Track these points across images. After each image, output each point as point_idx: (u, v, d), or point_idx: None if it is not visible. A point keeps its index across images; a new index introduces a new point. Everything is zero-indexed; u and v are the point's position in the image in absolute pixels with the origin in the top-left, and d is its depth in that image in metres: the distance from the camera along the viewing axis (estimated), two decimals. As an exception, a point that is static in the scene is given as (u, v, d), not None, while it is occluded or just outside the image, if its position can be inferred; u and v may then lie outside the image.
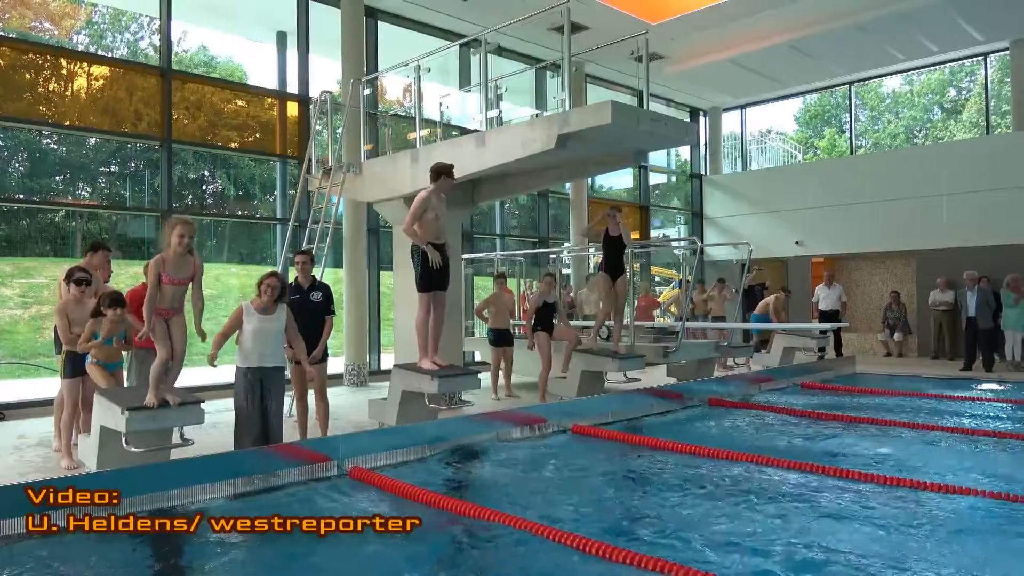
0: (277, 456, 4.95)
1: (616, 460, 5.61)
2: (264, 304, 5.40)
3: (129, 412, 4.44)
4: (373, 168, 8.72)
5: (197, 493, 4.41)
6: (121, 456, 4.61)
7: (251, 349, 5.35)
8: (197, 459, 4.80)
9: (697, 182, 17.94)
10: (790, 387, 9.39)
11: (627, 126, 6.36)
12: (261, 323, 5.37)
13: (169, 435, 4.91)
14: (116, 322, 5.43)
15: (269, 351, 5.40)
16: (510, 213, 15.36)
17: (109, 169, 12.50)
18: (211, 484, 4.49)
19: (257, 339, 5.34)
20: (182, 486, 4.35)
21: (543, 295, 8.66)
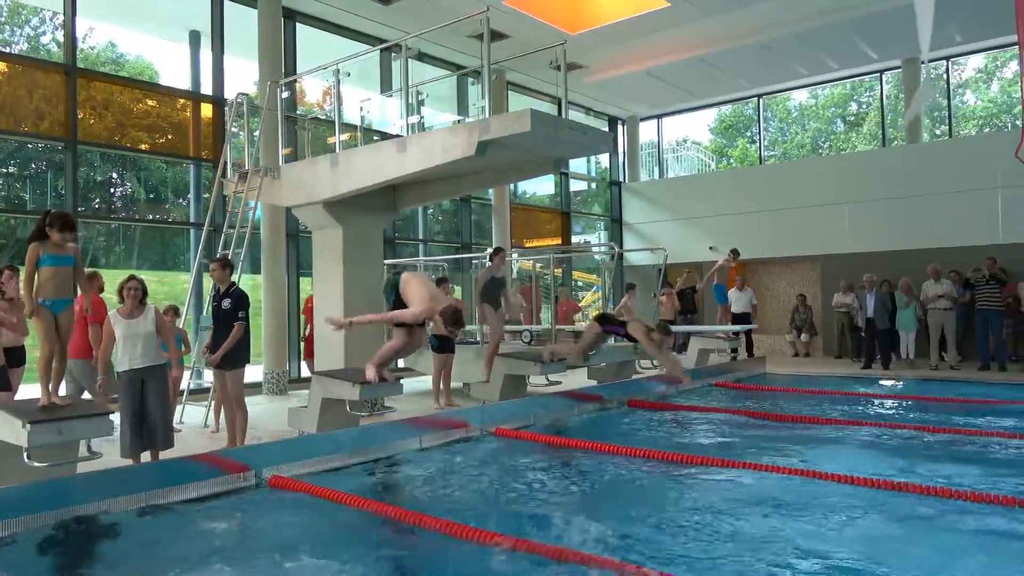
0: (193, 467, 4.83)
1: (537, 459, 5.72)
2: (129, 309, 5.57)
3: (31, 425, 4.25)
4: (292, 172, 8.59)
5: (106, 507, 4.26)
6: (22, 471, 4.40)
7: (122, 353, 5.52)
8: (107, 472, 4.64)
9: (616, 189, 18.36)
10: (705, 387, 9.74)
11: (546, 134, 6.50)
12: (128, 328, 5.53)
13: (75, 448, 4.72)
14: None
15: (139, 352, 5.53)
16: (433, 218, 15.35)
17: (7, 170, 11.83)
18: (121, 497, 4.35)
19: (126, 344, 5.50)
20: (88, 501, 4.20)
21: (492, 270, 8.76)
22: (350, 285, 8.12)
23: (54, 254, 4.66)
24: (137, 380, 5.52)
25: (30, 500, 4.02)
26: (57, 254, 4.67)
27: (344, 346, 7.99)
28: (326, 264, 8.36)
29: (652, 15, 11.93)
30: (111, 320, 5.57)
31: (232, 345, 6.28)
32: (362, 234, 8.34)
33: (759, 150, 18.23)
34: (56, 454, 4.50)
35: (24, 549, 3.75)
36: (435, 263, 12.64)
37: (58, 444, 4.42)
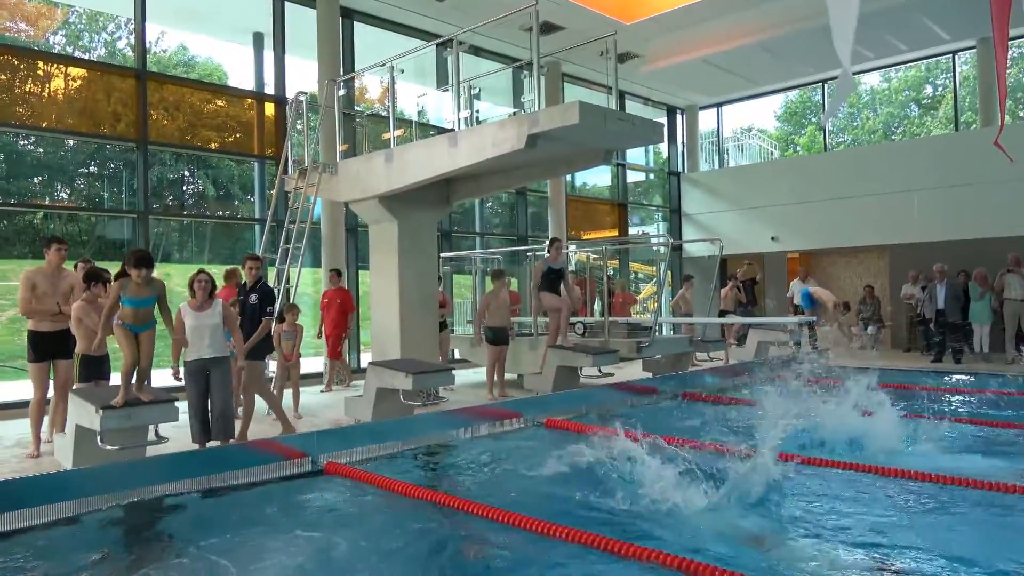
0: (253, 452, 5.05)
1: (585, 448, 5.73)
2: (199, 302, 5.78)
3: (104, 411, 4.52)
4: (349, 168, 8.80)
5: (171, 489, 4.50)
6: (97, 454, 4.68)
7: (191, 344, 5.76)
8: (169, 456, 4.89)
9: (675, 179, 18.11)
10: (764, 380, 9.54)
11: (595, 126, 6.47)
12: (197, 320, 5.77)
13: (144, 433, 4.99)
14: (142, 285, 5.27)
15: (206, 343, 5.77)
16: (490, 211, 15.46)
17: (87, 170, 12.46)
18: (184, 481, 4.58)
19: (194, 335, 5.74)
20: (153, 483, 4.44)
21: (549, 260, 8.82)
22: (405, 277, 8.28)
23: (135, 297, 4.99)
24: (203, 370, 5.78)
25: (102, 480, 4.27)
26: (138, 297, 4.99)
27: (400, 337, 8.16)
28: (382, 257, 8.54)
29: (709, 1, 11.71)
30: (182, 312, 5.82)
31: (260, 338, 6.55)
32: (416, 227, 8.49)
33: (824, 136, 17.65)
34: (126, 438, 4.76)
35: (96, 526, 4.00)
36: (492, 256, 12.75)
37: (128, 429, 4.68)
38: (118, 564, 3.46)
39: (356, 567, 3.32)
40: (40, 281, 5.89)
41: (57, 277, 6.07)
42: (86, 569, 3.38)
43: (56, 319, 5.91)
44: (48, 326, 5.85)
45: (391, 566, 3.37)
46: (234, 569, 3.37)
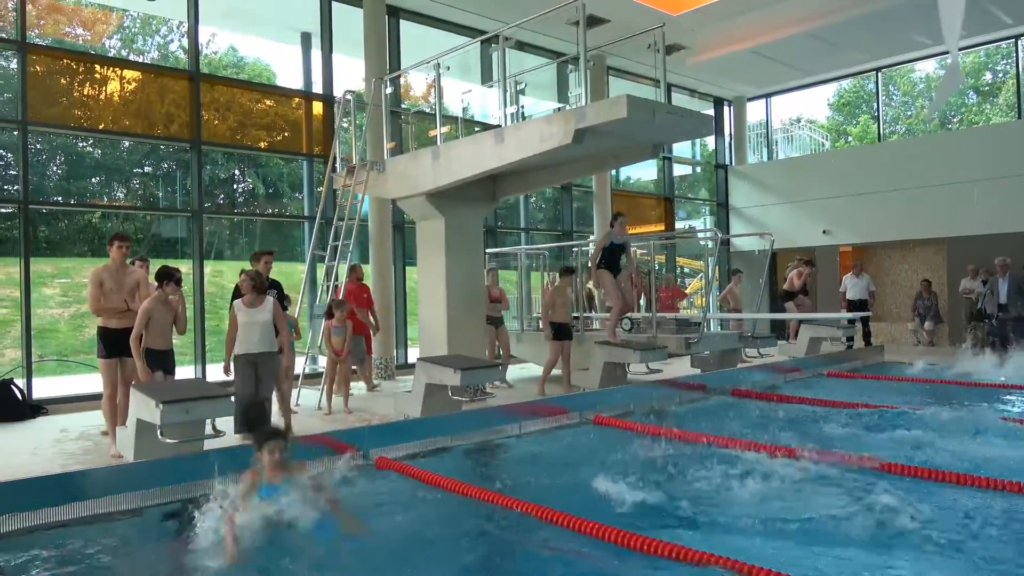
0: (305, 446, 5.13)
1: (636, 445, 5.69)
2: (251, 299, 6.08)
3: (164, 405, 4.64)
4: (396, 165, 8.88)
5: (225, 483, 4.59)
6: (157, 447, 4.81)
7: (241, 339, 6.04)
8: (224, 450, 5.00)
9: (722, 172, 17.84)
10: (816, 377, 9.36)
11: (643, 120, 6.42)
12: (248, 316, 6.07)
13: (202, 427, 5.11)
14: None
15: (256, 339, 6.04)
16: (535, 207, 15.44)
17: (142, 171, 12.83)
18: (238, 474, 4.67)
19: (245, 330, 6.04)
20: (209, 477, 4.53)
21: (611, 235, 8.69)
22: (452, 273, 8.33)
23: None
24: (252, 364, 6.01)
25: (160, 474, 4.39)
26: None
27: (447, 333, 8.21)
28: (429, 253, 8.60)
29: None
30: (235, 308, 6.07)
31: None
32: (463, 224, 8.52)
33: (878, 126, 17.18)
34: (185, 432, 4.89)
35: (156, 519, 4.12)
36: (537, 251, 12.72)
37: (186, 423, 4.81)
38: (174, 555, 3.55)
39: (402, 561, 3.35)
40: (107, 278, 6.05)
41: (122, 274, 6.22)
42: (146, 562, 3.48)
43: (123, 316, 6.07)
44: (116, 323, 6.00)
45: (436, 562, 3.39)
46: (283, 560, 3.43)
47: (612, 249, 8.70)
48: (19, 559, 3.50)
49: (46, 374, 10.91)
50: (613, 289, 8.68)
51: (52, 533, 3.84)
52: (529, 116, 8.82)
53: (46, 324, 12.92)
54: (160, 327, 5.98)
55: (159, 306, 5.98)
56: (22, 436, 6.96)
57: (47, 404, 8.27)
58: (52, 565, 3.47)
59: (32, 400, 8.25)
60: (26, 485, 4.05)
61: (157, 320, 5.94)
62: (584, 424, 6.54)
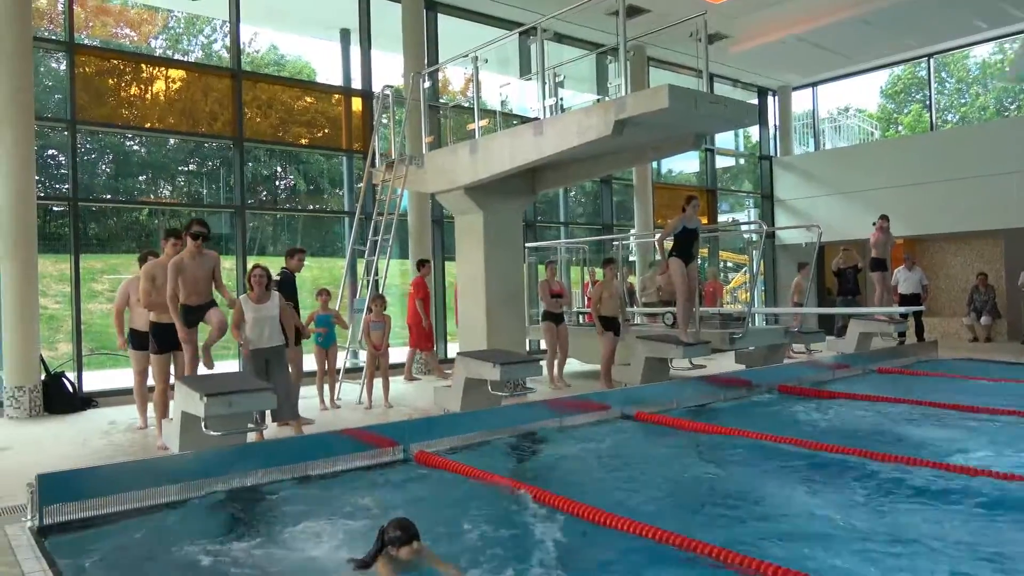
0: (346, 440, 5.19)
1: (682, 445, 5.62)
2: (257, 295, 6.19)
3: (208, 398, 4.71)
4: (434, 160, 8.90)
5: (269, 475, 4.67)
6: (201, 440, 4.90)
7: (252, 334, 6.17)
8: (267, 443, 5.07)
9: (767, 164, 17.51)
10: (867, 373, 9.15)
11: (685, 110, 6.31)
12: (257, 312, 6.20)
13: (245, 419, 5.19)
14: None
15: (266, 334, 6.21)
16: (575, 200, 15.36)
17: (187, 168, 13.10)
18: (282, 467, 4.75)
19: (255, 326, 6.18)
20: (251, 469, 4.61)
21: (684, 218, 8.08)
22: (491, 267, 8.32)
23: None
24: (262, 359, 6.19)
25: (203, 467, 4.47)
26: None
27: (486, 327, 8.20)
28: (468, 248, 8.61)
29: (803, -24, 11.21)
30: (242, 304, 6.23)
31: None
32: (502, 218, 8.51)
33: (930, 114, 16.66)
34: (229, 423, 4.97)
35: (196, 511, 4.19)
36: (576, 245, 12.67)
37: (230, 415, 4.88)
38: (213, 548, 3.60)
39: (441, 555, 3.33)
40: (159, 274, 6.11)
41: None
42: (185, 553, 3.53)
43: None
44: (168, 318, 6.04)
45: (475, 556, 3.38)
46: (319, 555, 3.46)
47: (685, 235, 8.12)
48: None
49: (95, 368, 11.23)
50: (683, 280, 8.08)
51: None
52: (568, 108, 8.74)
53: (96, 319, 13.29)
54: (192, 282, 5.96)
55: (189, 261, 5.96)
56: (73, 427, 7.17)
57: (96, 397, 8.50)
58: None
59: (82, 393, 8.49)
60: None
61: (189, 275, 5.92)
62: (625, 420, 6.48)
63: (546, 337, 9.26)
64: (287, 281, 7.25)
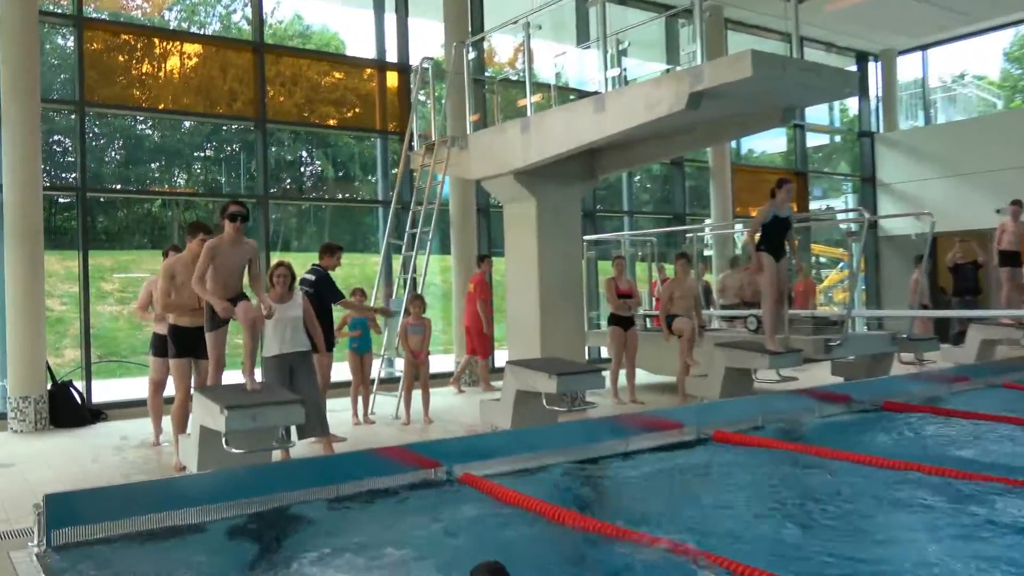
0: (382, 459, 5.22)
1: (768, 470, 5.52)
2: (279, 294, 6.21)
3: (228, 411, 4.81)
4: (480, 141, 8.93)
5: (296, 497, 4.73)
6: (222, 457, 5.00)
7: (273, 338, 6.19)
8: (294, 462, 5.14)
9: (868, 141, 17.13)
10: (991, 388, 8.86)
11: (771, 79, 6.23)
12: (279, 313, 6.10)
13: (270, 436, 5.27)
14: None
15: (288, 337, 6.23)
16: (641, 186, 15.25)
17: (204, 153, 13.41)
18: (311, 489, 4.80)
19: (277, 328, 6.18)
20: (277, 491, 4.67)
21: (775, 205, 7.78)
22: (545, 263, 8.31)
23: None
24: (286, 365, 6.21)
25: (224, 488, 4.55)
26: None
27: (540, 332, 8.20)
28: (519, 241, 8.61)
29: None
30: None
31: None
32: (557, 206, 8.49)
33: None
34: (252, 440, 5.06)
35: (216, 536, 4.26)
36: (643, 237, 12.56)
37: (253, 430, 4.97)
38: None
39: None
40: (180, 271, 6.14)
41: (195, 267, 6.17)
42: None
43: (196, 314, 6.12)
44: (188, 320, 6.13)
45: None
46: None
47: (776, 225, 7.81)
48: None
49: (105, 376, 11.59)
50: (771, 279, 7.82)
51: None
52: (633, 80, 8.68)
53: (105, 322, 13.73)
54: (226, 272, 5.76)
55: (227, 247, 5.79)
56: (82, 443, 7.41)
57: (106, 408, 8.76)
58: None
59: (91, 404, 8.77)
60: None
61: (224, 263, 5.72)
62: (703, 441, 6.39)
63: (612, 344, 9.19)
64: (324, 281, 7.29)
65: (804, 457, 5.76)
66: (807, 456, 5.76)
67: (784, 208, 7.87)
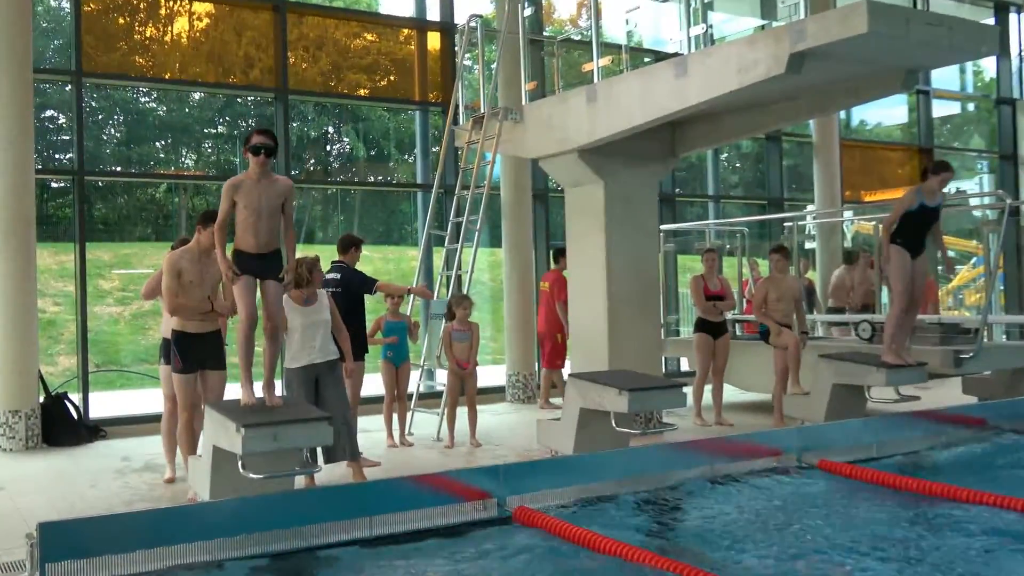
0: (422, 489, 5.27)
1: (885, 512, 5.44)
2: (305, 295, 6.25)
3: (246, 430, 4.90)
4: (538, 112, 8.95)
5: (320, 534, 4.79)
6: (238, 483, 5.10)
7: (301, 345, 6.24)
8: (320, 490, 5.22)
9: (1008, 110, 16.75)
10: None
11: (891, 36, 6.13)
12: (305, 317, 6.25)
13: (293, 459, 5.37)
14: None
15: (317, 345, 6.30)
16: (728, 167, 15.12)
17: (215, 130, 13.66)
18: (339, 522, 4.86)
19: (305, 335, 6.24)
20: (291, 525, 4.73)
21: (924, 193, 7.58)
22: (614, 258, 8.29)
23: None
24: (312, 378, 6.29)
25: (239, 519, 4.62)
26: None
27: (607, 341, 8.19)
28: (583, 231, 8.61)
29: None
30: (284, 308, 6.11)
31: None
32: (630, 190, 8.47)
33: None
34: (273, 464, 5.16)
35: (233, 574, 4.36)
36: (732, 227, 12.45)
37: (274, 452, 5.06)
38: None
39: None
40: (188, 267, 6.17)
41: (206, 262, 6.28)
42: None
43: (205, 318, 6.23)
44: (196, 326, 6.21)
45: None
46: None
47: (920, 215, 7.62)
48: None
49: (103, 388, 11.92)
50: (904, 279, 7.63)
51: None
52: (721, 39, 8.61)
53: (103, 325, 14.10)
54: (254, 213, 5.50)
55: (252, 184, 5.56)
56: (78, 464, 7.64)
57: (105, 425, 9.00)
58: None
59: (89, 420, 9.02)
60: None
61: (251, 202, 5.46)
62: (805, 470, 6.32)
63: (699, 355, 9.11)
64: (352, 273, 7.41)
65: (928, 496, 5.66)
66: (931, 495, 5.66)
67: (935, 197, 7.66)
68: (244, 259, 5.40)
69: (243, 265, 5.39)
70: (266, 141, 5.43)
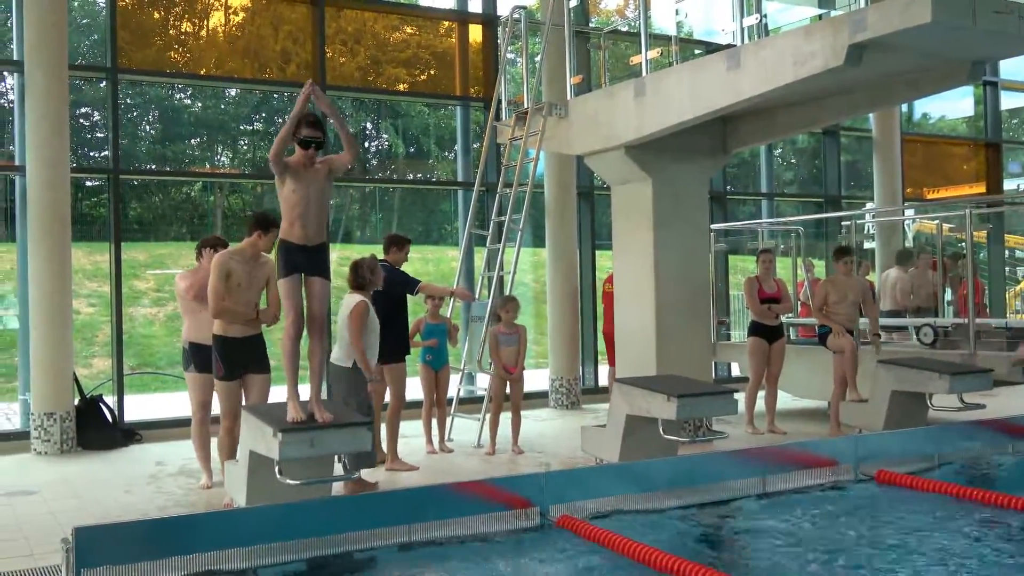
0: (462, 496, 5.31)
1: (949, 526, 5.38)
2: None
3: (283, 434, 4.97)
4: (583, 107, 8.96)
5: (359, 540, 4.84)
6: (274, 489, 5.17)
7: (371, 345, 6.51)
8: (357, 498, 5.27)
9: (1083, 102, 16.46)
10: None
11: (956, 25, 6.10)
12: (374, 321, 6.54)
13: (330, 465, 5.43)
14: None
15: (373, 342, 6.58)
16: (783, 163, 15.00)
17: (251, 127, 13.82)
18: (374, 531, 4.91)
19: (374, 333, 6.55)
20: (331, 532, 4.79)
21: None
22: (663, 259, 8.28)
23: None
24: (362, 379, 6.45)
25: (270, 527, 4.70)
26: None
27: (655, 344, 8.17)
28: (631, 231, 8.60)
29: None
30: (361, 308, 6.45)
31: None
32: (679, 188, 8.46)
33: None
34: (310, 470, 5.22)
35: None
36: (787, 227, 12.35)
37: (311, 458, 5.12)
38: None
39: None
40: (237, 268, 6.21)
41: (255, 265, 6.37)
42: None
43: (250, 324, 6.32)
44: (239, 330, 6.27)
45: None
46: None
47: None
48: None
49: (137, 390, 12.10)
50: None
51: None
52: (776, 29, 8.55)
53: (138, 327, 14.33)
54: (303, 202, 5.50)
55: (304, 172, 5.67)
56: (113, 468, 7.79)
57: (140, 428, 9.15)
58: None
59: (124, 423, 9.18)
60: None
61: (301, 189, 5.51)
62: (861, 483, 6.27)
63: (753, 360, 9.04)
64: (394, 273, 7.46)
65: (993, 509, 5.58)
66: (997, 508, 5.58)
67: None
68: (291, 253, 5.34)
69: (289, 260, 5.33)
70: (315, 135, 5.57)
